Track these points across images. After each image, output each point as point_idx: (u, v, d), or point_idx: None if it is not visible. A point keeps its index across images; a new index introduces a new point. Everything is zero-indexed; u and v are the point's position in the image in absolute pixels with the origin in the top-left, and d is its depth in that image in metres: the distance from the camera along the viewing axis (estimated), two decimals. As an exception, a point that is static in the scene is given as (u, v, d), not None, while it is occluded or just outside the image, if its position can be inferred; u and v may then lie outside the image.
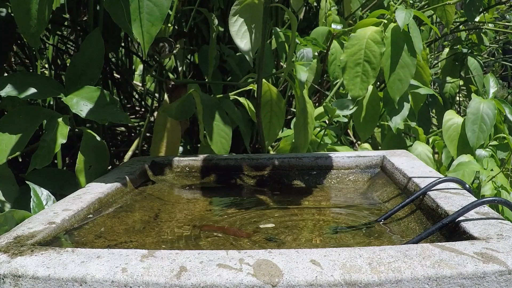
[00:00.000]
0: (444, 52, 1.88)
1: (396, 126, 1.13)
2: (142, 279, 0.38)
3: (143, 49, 0.66)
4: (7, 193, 0.76)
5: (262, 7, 0.82)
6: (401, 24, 1.02)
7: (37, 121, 0.76)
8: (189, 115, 0.99)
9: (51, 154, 0.72)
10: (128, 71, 1.53)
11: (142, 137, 1.17)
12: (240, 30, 0.82)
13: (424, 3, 1.59)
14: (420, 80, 1.22)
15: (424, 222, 0.56)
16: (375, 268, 0.38)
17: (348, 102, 1.13)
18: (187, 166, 0.87)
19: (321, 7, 1.40)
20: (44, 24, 0.72)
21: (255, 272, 0.38)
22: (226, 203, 0.72)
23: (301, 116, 0.99)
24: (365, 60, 1.05)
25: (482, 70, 1.65)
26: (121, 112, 0.78)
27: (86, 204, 0.61)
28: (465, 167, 1.01)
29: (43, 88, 0.77)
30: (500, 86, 2.27)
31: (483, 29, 1.69)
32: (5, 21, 0.94)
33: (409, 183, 0.67)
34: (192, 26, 1.35)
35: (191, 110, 0.98)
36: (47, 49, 1.34)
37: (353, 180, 0.82)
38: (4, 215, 0.59)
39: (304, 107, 0.99)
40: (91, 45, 0.83)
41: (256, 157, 0.86)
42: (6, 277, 0.40)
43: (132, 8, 0.65)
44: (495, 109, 1.09)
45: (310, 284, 0.37)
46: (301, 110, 0.99)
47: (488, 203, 0.49)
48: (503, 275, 0.37)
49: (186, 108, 0.97)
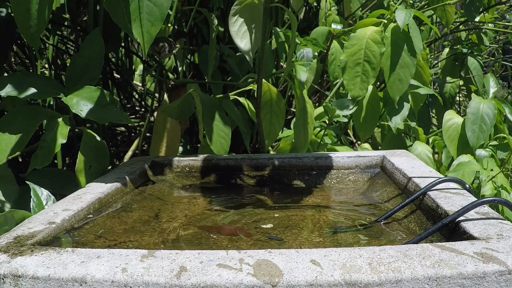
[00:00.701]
0: (444, 52, 1.88)
1: (396, 126, 1.13)
2: (142, 279, 0.38)
3: (143, 49, 0.66)
4: (7, 193, 0.76)
5: (262, 7, 0.82)
6: (401, 24, 1.02)
7: (37, 121, 0.76)
8: (189, 115, 0.99)
9: (51, 154, 0.72)
10: (128, 71, 1.53)
11: (142, 137, 1.17)
12: (240, 30, 0.82)
13: (424, 3, 1.59)
14: (420, 80, 1.22)
15: (424, 222, 0.56)
16: (375, 268, 0.38)
17: (348, 102, 1.13)
18: (187, 166, 0.87)
19: (321, 7, 1.40)
20: (44, 24, 0.72)
21: (255, 272, 0.38)
22: (226, 203, 0.72)
23: (300, 116, 0.99)
24: (365, 60, 1.05)
25: (482, 70, 1.65)
26: (121, 112, 0.78)
27: (86, 204, 0.61)
28: (465, 167, 1.01)
29: (43, 88, 0.77)
30: (500, 86, 2.27)
31: (483, 29, 1.69)
32: (5, 21, 0.94)
33: (409, 183, 0.67)
34: (192, 26, 1.35)
35: (191, 110, 0.98)
36: (47, 49, 1.34)
37: (353, 180, 0.82)
38: (4, 215, 0.59)
39: (304, 107, 0.99)
40: (91, 45, 0.83)
41: (256, 157, 0.86)
42: (6, 277, 0.40)
43: (132, 8, 0.65)
44: (495, 109, 1.09)
45: (310, 284, 0.37)
46: (300, 110, 0.99)
47: (488, 203, 0.49)
48: (503, 275, 0.37)
49: (186, 108, 0.97)
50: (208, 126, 0.95)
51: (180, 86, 1.07)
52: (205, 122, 0.94)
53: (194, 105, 0.96)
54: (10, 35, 0.96)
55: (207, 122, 0.95)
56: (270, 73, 1.19)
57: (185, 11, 1.24)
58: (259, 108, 0.95)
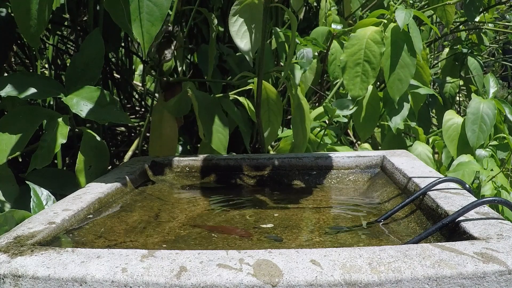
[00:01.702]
0: (444, 52, 1.88)
1: (396, 126, 1.13)
2: (142, 279, 0.38)
3: (143, 49, 0.66)
4: (7, 193, 0.76)
5: (262, 7, 0.82)
6: (401, 24, 1.02)
7: (37, 121, 0.76)
8: (186, 111, 0.99)
9: (51, 154, 0.72)
10: (128, 71, 1.53)
11: (142, 137, 1.17)
12: (240, 30, 0.82)
13: (424, 3, 1.59)
14: (420, 80, 1.22)
15: (424, 222, 0.56)
16: (375, 268, 0.38)
17: (348, 102, 1.13)
18: (187, 166, 0.87)
19: (321, 7, 1.40)
20: (44, 24, 0.72)
21: (255, 272, 0.38)
22: (226, 203, 0.72)
23: (296, 112, 0.99)
24: (365, 60, 1.05)
25: (482, 70, 1.65)
26: (121, 112, 0.78)
27: (86, 204, 0.61)
28: (465, 167, 1.01)
29: (43, 88, 0.77)
30: (500, 86, 2.27)
31: (483, 29, 1.69)
32: (5, 21, 0.94)
33: (409, 183, 0.67)
34: (192, 26, 1.35)
35: (188, 107, 0.98)
36: (47, 49, 1.34)
37: (353, 180, 0.82)
38: (4, 215, 0.59)
39: (299, 104, 0.99)
40: (91, 45, 0.84)
41: (256, 157, 0.86)
42: (6, 277, 0.40)
43: (132, 8, 0.65)
44: (495, 109, 1.09)
45: (310, 284, 0.37)
46: (296, 106, 0.98)
47: (488, 203, 0.49)
48: (503, 275, 0.37)
49: (183, 105, 0.98)
50: (205, 123, 0.95)
51: (175, 84, 1.06)
52: (202, 118, 0.94)
53: (191, 102, 0.97)
54: (10, 35, 0.96)
55: (204, 118, 0.95)
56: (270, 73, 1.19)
57: (185, 11, 1.24)
58: (259, 107, 0.95)
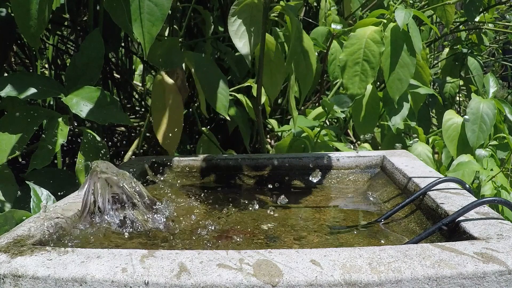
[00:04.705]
0: (444, 52, 1.88)
1: (396, 126, 1.13)
2: (142, 279, 0.38)
3: (144, 49, 0.66)
4: (7, 193, 0.76)
5: (261, 7, 0.82)
6: (400, 24, 1.02)
7: (37, 121, 0.76)
8: (179, 63, 0.95)
9: (51, 154, 0.72)
10: (128, 71, 1.53)
11: (142, 137, 1.17)
12: (239, 30, 0.82)
13: (424, 3, 1.59)
14: (420, 80, 1.22)
15: (424, 222, 0.56)
16: (375, 268, 0.38)
17: (346, 99, 1.13)
18: (187, 166, 0.87)
19: (321, 7, 1.40)
20: (44, 24, 0.72)
21: (255, 272, 0.38)
22: (226, 203, 0.72)
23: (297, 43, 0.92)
24: (364, 60, 1.05)
25: (482, 70, 1.65)
26: (121, 113, 0.78)
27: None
28: (465, 167, 1.01)
29: (43, 88, 0.77)
30: (500, 86, 2.27)
31: (483, 29, 1.69)
32: (5, 21, 0.94)
33: (409, 183, 0.67)
34: (192, 26, 1.35)
35: (180, 60, 0.95)
36: (47, 49, 1.34)
37: (353, 180, 0.82)
38: (4, 215, 0.59)
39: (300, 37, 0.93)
40: (91, 45, 0.84)
41: (256, 157, 0.86)
42: (6, 277, 0.40)
43: (132, 8, 0.65)
44: (495, 109, 1.10)
45: (310, 284, 0.37)
46: (296, 39, 0.92)
47: (488, 203, 0.49)
48: (503, 275, 0.37)
49: (173, 56, 0.93)
50: (204, 84, 0.92)
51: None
52: (199, 78, 0.91)
53: (181, 56, 0.93)
54: (10, 35, 0.96)
55: (202, 79, 0.92)
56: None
57: (183, 9, 1.23)
58: (259, 108, 0.95)
